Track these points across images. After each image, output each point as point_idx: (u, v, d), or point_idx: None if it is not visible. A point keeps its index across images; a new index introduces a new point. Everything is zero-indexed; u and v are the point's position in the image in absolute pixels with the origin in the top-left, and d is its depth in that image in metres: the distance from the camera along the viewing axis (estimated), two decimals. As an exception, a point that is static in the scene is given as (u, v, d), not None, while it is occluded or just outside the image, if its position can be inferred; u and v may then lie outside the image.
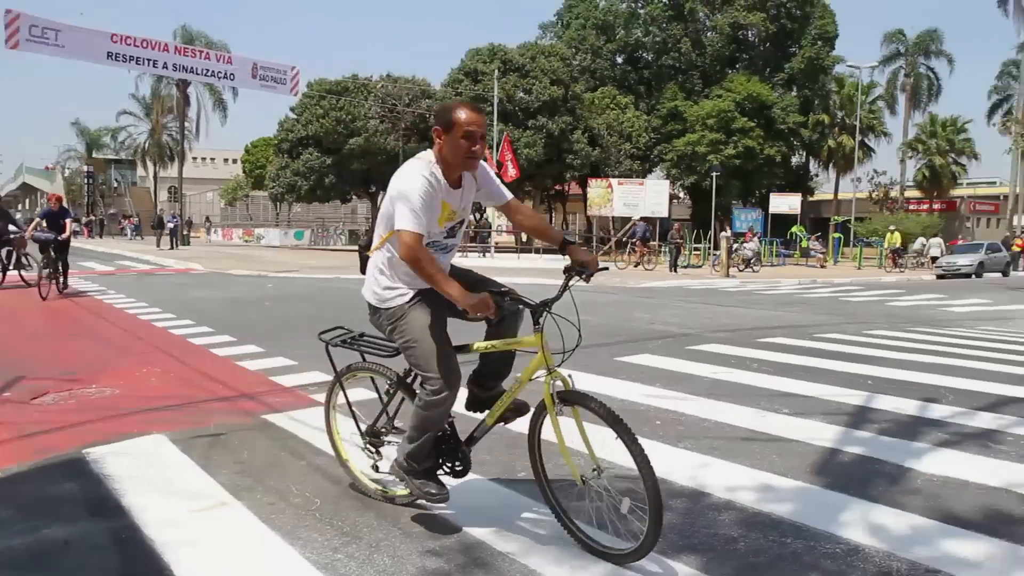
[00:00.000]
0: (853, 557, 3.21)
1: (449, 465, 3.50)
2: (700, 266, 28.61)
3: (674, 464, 4.34)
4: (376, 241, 3.37)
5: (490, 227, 40.17)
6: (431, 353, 3.24)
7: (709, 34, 50.42)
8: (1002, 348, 9.60)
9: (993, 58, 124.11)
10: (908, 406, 5.99)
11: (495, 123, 34.91)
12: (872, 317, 13.54)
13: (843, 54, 51.54)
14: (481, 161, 3.30)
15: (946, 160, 54.82)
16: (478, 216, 50.57)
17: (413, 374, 3.52)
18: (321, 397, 6.03)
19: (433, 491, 3.37)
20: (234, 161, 79.09)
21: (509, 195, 3.53)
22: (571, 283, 3.22)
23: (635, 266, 27.58)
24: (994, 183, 67.95)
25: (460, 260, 8.36)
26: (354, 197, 46.24)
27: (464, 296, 3.01)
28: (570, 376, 3.12)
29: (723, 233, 27.62)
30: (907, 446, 4.88)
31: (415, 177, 3.13)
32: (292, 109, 40.39)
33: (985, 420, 5.58)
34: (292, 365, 7.39)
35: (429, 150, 3.30)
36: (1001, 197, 58.50)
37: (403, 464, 3.43)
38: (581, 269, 3.20)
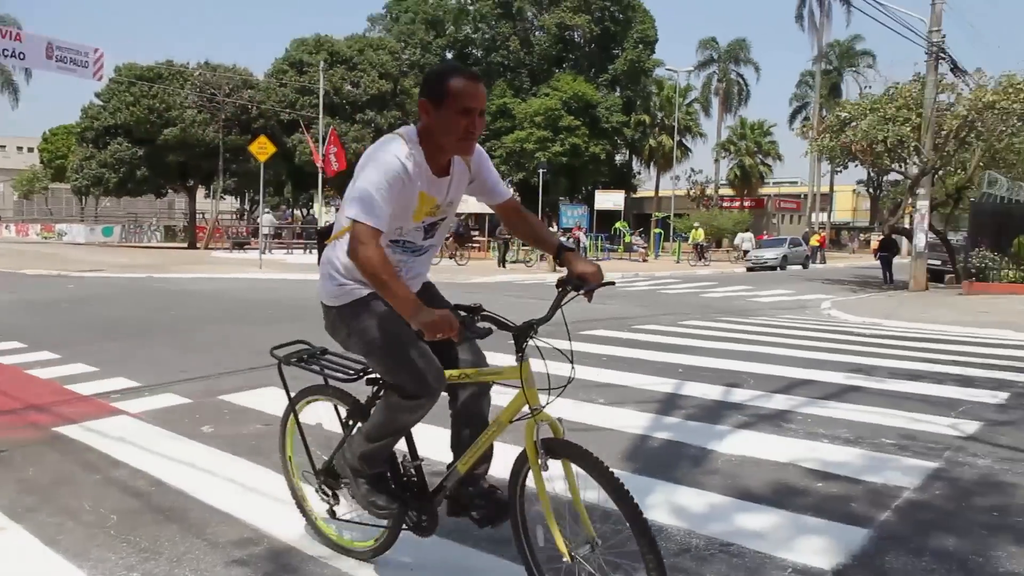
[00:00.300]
0: (657, 537, 3.36)
1: (414, 518, 2.86)
2: (528, 262, 29.27)
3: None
4: (337, 229, 2.74)
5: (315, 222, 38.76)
6: (398, 351, 2.62)
7: (537, 33, 51.70)
8: (798, 334, 10.47)
9: (794, 68, 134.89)
10: (713, 392, 6.38)
11: (321, 116, 34.01)
12: (687, 308, 14.37)
13: (662, 58, 54.50)
14: (478, 146, 2.69)
15: (755, 160, 59.24)
16: (305, 211, 49.10)
17: (374, 401, 2.89)
18: (125, 405, 5.66)
19: (381, 503, 2.79)
20: (30, 150, 72.52)
21: (509, 192, 2.94)
22: (566, 300, 2.64)
23: (450, 258, 27.73)
24: (796, 183, 74.03)
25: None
26: (170, 191, 43.53)
27: (420, 312, 2.34)
28: (560, 420, 2.57)
29: (550, 229, 28.33)
30: (710, 429, 5.19)
31: (387, 159, 2.49)
32: (98, 95, 37.39)
33: (779, 402, 6.05)
34: (92, 372, 6.83)
35: (411, 126, 2.65)
36: (802, 196, 63.83)
37: (353, 464, 2.82)
38: (579, 283, 2.62)
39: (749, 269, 31.87)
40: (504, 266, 27.14)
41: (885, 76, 60.84)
